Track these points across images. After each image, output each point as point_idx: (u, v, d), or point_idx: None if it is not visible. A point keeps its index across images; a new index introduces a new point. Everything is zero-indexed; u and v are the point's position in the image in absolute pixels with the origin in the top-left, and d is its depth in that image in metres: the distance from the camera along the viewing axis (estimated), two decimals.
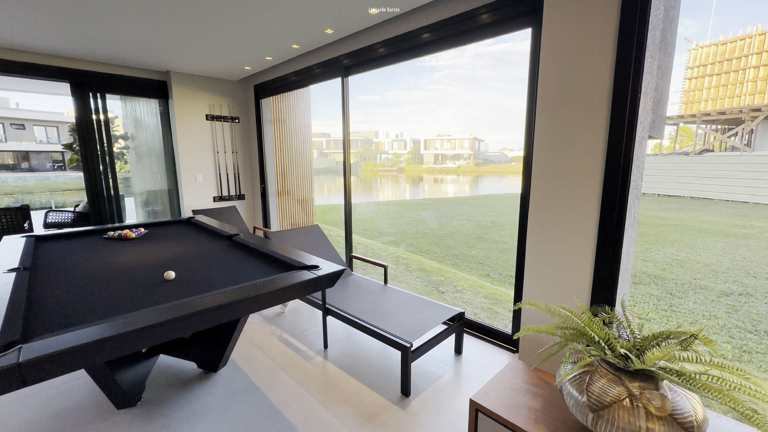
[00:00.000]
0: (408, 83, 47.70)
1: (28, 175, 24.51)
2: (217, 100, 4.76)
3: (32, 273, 1.88)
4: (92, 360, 1.16)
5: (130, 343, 1.21)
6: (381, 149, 30.64)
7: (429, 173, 26.56)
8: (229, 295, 1.48)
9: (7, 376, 1.01)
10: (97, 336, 1.15)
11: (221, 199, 4.95)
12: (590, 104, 1.62)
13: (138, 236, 2.74)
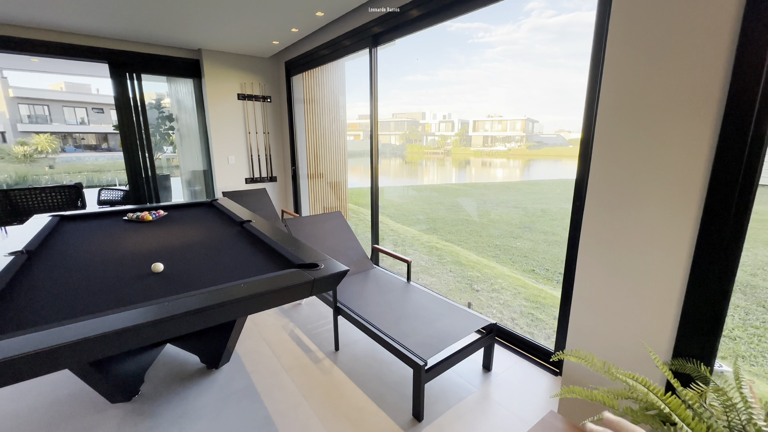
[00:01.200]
0: (458, 62, 44.93)
1: (106, 154, 27.07)
2: (249, 79, 4.62)
3: (31, 258, 1.82)
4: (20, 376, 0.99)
5: (62, 358, 1.02)
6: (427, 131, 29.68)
7: (477, 156, 25.33)
8: (199, 300, 1.25)
9: None
10: (19, 351, 0.97)
11: (253, 181, 4.89)
12: (697, 54, 1.13)
13: (155, 219, 2.67)
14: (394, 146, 23.41)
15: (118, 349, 1.13)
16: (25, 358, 0.95)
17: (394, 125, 24.18)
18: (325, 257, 1.68)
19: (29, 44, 3.56)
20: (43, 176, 13.88)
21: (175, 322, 1.17)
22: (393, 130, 23.93)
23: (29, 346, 0.98)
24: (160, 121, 7.28)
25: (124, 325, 1.09)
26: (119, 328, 1.07)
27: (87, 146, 29.14)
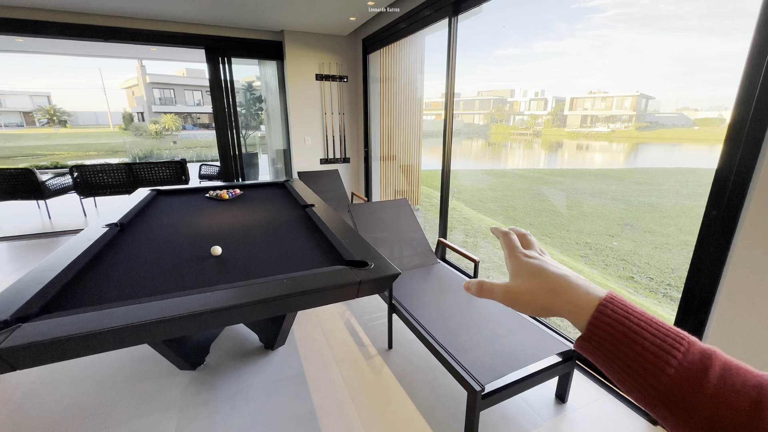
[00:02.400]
0: (558, 31, 37.74)
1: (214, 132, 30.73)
2: (327, 59, 4.60)
3: (123, 230, 2.02)
4: (77, 353, 1.05)
5: (112, 341, 1.05)
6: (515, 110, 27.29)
7: (571, 138, 22.63)
8: (238, 295, 1.20)
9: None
10: (76, 330, 1.01)
11: (327, 162, 4.96)
12: None
13: (231, 197, 2.81)
14: (478, 126, 22.19)
15: (169, 334, 1.14)
16: (114, 331, 1.00)
17: (479, 104, 22.87)
18: (376, 255, 1.52)
19: (150, 35, 4.00)
20: (167, 150, 16.33)
21: (210, 316, 1.13)
22: (477, 109, 22.66)
23: (115, 322, 1.02)
24: (251, 102, 7.81)
25: (170, 313, 1.08)
26: (167, 316, 1.07)
27: (201, 125, 33.57)
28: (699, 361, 0.28)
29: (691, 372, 0.28)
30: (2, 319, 1.06)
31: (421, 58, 4.88)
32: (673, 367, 0.28)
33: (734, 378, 0.27)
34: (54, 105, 34.34)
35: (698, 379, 0.27)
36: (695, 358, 0.28)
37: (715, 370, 0.28)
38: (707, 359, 0.28)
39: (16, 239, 4.21)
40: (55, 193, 5.15)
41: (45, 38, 3.82)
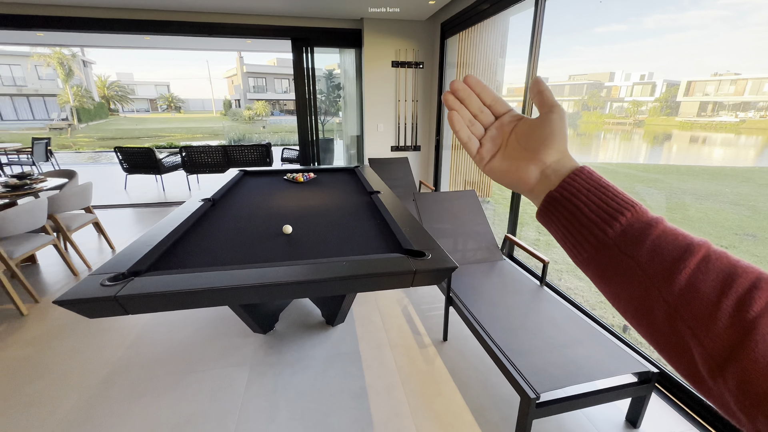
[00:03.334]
0: (678, 2, 28.90)
1: None
2: (404, 45, 4.57)
3: (214, 205, 2.31)
4: (173, 307, 1.24)
5: (199, 300, 1.22)
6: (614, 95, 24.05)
7: (684, 129, 19.51)
8: (297, 272, 1.30)
9: (108, 304, 1.17)
10: (173, 288, 1.19)
11: (397, 149, 4.99)
12: None
13: (306, 181, 3.01)
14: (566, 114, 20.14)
15: (242, 300, 1.29)
16: (202, 292, 1.18)
17: (569, 89, 20.82)
18: (435, 246, 1.51)
19: (246, 28, 4.41)
20: (257, 134, 17.99)
21: (276, 288, 1.25)
22: (567, 95, 20.66)
23: (202, 284, 1.20)
24: (331, 89, 8.16)
25: (244, 282, 1.22)
26: (241, 284, 1.21)
27: (287, 111, 36.21)
28: (644, 223, 0.30)
29: (633, 230, 0.30)
30: (120, 272, 1.30)
31: (503, 41, 4.57)
32: (620, 223, 0.31)
33: (669, 238, 0.29)
34: (172, 93, 40.00)
35: (638, 238, 0.30)
36: (641, 219, 0.31)
37: (656, 232, 0.30)
38: (652, 223, 0.30)
39: (139, 206, 5.07)
40: (168, 170, 6.06)
41: (167, 35, 4.44)
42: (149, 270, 1.40)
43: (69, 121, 24.68)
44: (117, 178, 6.74)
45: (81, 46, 21.34)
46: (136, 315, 1.71)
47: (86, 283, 1.23)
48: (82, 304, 1.15)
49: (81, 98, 25.74)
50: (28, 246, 2.61)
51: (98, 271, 1.31)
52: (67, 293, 1.16)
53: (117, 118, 30.91)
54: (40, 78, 26.53)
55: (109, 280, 1.24)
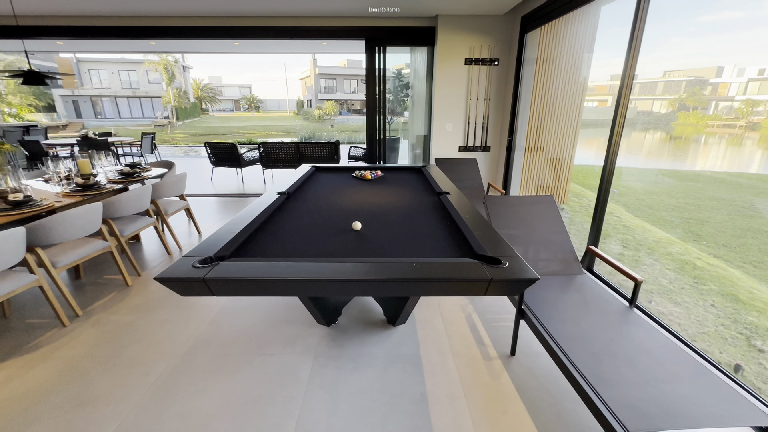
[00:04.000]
0: None
1: (364, 117, 33.64)
2: (479, 41, 4.40)
3: (288, 198, 2.43)
4: (252, 292, 1.31)
5: (274, 288, 1.28)
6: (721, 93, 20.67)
7: None
8: (367, 270, 1.29)
9: (197, 285, 1.27)
10: (253, 275, 1.26)
11: (465, 150, 4.83)
12: None
13: (373, 178, 3.04)
14: (658, 115, 18.06)
15: (311, 292, 1.32)
16: (276, 281, 1.24)
17: (662, 87, 18.53)
18: (512, 253, 1.40)
19: (323, 30, 4.61)
20: (325, 133, 18.83)
21: (343, 284, 1.25)
22: (661, 94, 18.42)
23: (277, 274, 1.26)
24: (399, 88, 8.19)
25: (315, 275, 1.25)
26: (312, 277, 1.23)
27: (354, 110, 37.38)
28: None
29: None
30: (208, 256, 1.41)
31: (592, 34, 4.15)
32: None
33: None
34: (253, 95, 43.64)
35: None
36: None
37: None
38: None
39: (222, 196, 5.59)
40: (248, 164, 6.59)
41: (253, 39, 4.81)
42: (232, 256, 1.50)
43: (169, 119, 28.26)
44: (205, 169, 7.51)
45: (182, 53, 24.18)
46: (218, 297, 1.88)
47: (180, 264, 1.35)
48: (177, 283, 1.27)
49: (179, 99, 29.31)
50: (135, 226, 3.00)
51: (190, 254, 1.43)
52: (165, 271, 1.29)
53: (207, 117, 34.60)
54: (149, 82, 30.76)
55: (200, 262, 1.35)
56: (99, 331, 2.21)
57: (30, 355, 2.00)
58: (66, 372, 1.87)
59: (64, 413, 1.62)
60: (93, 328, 2.25)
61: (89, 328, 2.24)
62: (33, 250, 2.19)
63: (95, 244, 2.56)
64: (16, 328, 2.24)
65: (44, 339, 2.13)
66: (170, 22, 4.49)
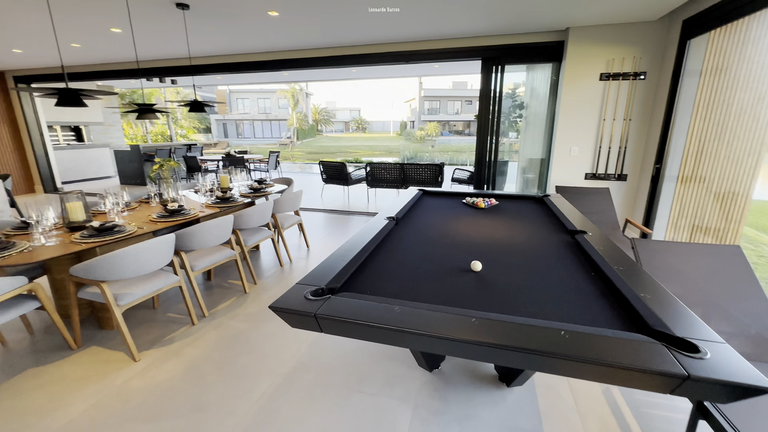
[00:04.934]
0: None
1: (467, 138, 33.06)
2: (620, 53, 3.78)
3: (397, 223, 2.31)
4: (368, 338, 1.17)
5: (385, 337, 1.11)
6: None
7: None
8: (499, 332, 1.03)
9: (309, 320, 1.19)
10: (364, 319, 1.12)
11: (594, 178, 4.15)
12: None
13: (487, 207, 2.75)
14: None
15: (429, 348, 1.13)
16: (388, 330, 1.10)
17: None
18: (714, 337, 0.99)
19: (437, 53, 4.59)
20: (426, 153, 18.99)
21: (469, 347, 1.02)
22: None
23: (390, 322, 1.13)
24: (511, 109, 7.70)
25: (433, 330, 1.05)
26: (431, 332, 1.04)
27: (456, 131, 37.17)
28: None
29: None
30: (320, 287, 1.34)
31: None
32: None
33: None
34: (361, 117, 47.10)
35: None
36: None
37: None
38: None
39: (330, 212, 5.91)
40: (354, 182, 6.90)
41: (368, 66, 5.05)
42: (344, 288, 1.41)
43: (291, 139, 32.27)
44: (315, 185, 8.14)
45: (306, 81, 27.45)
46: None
47: (293, 294, 1.30)
48: (289, 314, 1.21)
49: (300, 121, 33.35)
50: (257, 237, 3.28)
51: (303, 281, 1.38)
52: (279, 300, 1.25)
53: (321, 137, 38.52)
54: (279, 107, 35.82)
55: (312, 294, 1.28)
56: (219, 335, 2.39)
57: (165, 348, 2.25)
58: (189, 371, 2.04)
59: (181, 415, 1.72)
60: (215, 330, 2.45)
61: (212, 330, 2.45)
62: (178, 253, 2.51)
63: (225, 252, 2.85)
64: (160, 320, 2.58)
65: (177, 335, 2.40)
66: (299, 55, 5.01)
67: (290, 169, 13.36)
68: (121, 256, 2.03)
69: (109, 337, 2.37)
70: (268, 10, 3.33)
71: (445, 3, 3.19)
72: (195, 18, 3.51)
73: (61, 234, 2.32)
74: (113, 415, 1.73)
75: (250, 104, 36.47)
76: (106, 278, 2.04)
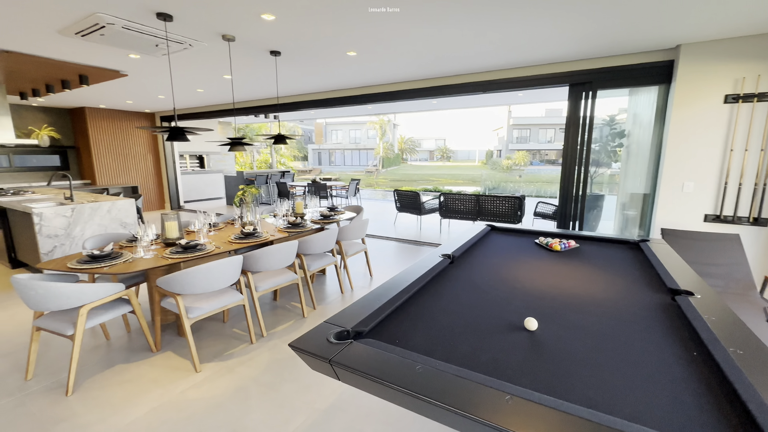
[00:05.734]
0: None
1: (559, 168, 30.66)
2: (752, 69, 3.07)
3: (453, 262, 2.14)
4: (383, 397, 1.05)
5: (411, 404, 0.97)
6: None
7: None
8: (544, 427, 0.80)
9: (324, 364, 1.11)
10: (387, 377, 1.00)
11: (718, 220, 3.35)
12: None
13: (564, 250, 2.40)
14: None
15: None
16: (418, 398, 0.97)
17: None
18: None
19: (519, 81, 4.36)
20: (511, 183, 17.99)
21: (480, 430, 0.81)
22: None
23: (424, 389, 0.99)
24: (609, 137, 6.87)
25: (467, 410, 0.88)
26: (464, 413, 0.88)
27: (548, 161, 34.71)
28: None
29: None
30: (345, 329, 1.26)
31: None
32: None
33: None
34: (446, 146, 47.33)
35: None
36: None
37: None
38: None
39: (400, 241, 5.88)
40: (428, 212, 6.81)
41: (449, 97, 5.03)
42: (371, 332, 1.31)
43: (377, 167, 33.87)
44: (390, 213, 8.25)
45: (392, 113, 28.79)
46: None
47: (317, 332, 1.25)
48: (306, 355, 1.15)
49: (386, 150, 34.90)
50: (320, 263, 3.38)
51: (332, 320, 1.32)
52: (300, 340, 1.20)
53: (405, 165, 39.60)
54: (368, 138, 38.20)
55: (335, 336, 1.20)
56: (271, 357, 2.46)
57: (223, 363, 2.39)
58: (238, 391, 2.11)
59: None
60: (269, 352, 2.53)
61: (266, 351, 2.54)
62: (245, 273, 2.71)
63: (288, 275, 2.98)
64: (225, 335, 2.78)
65: (236, 351, 2.54)
66: (378, 90, 5.25)
67: (371, 196, 13.88)
68: (193, 273, 2.25)
69: (182, 345, 2.62)
70: (347, 51, 3.57)
71: (532, 32, 3.02)
72: (284, 62, 3.95)
73: (158, 249, 2.69)
74: (166, 422, 1.86)
75: (343, 135, 39.73)
76: (180, 291, 2.28)
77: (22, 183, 7.34)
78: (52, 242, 3.82)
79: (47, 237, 3.78)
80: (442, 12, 2.64)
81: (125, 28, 2.88)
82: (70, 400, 2.03)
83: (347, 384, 1.11)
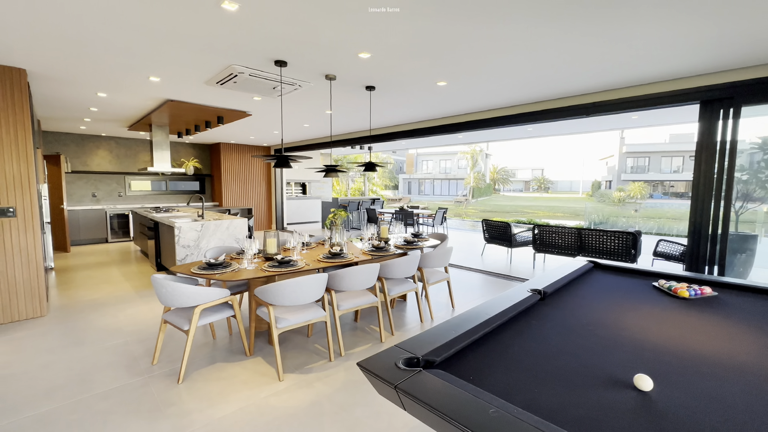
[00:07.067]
0: None
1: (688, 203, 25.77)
2: None
3: (543, 299, 1.91)
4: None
5: None
6: None
7: None
8: None
9: (390, 390, 1.07)
10: (451, 413, 0.91)
11: None
12: None
13: (694, 297, 1.95)
14: None
15: None
16: None
17: None
18: None
19: (630, 101, 3.88)
20: (624, 218, 15.67)
21: None
22: None
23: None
24: (763, 165, 5.57)
25: None
26: None
27: (674, 193, 29.52)
28: None
29: None
30: (416, 355, 1.20)
31: None
32: None
33: None
34: (544, 176, 44.08)
35: None
36: None
37: None
38: None
39: (488, 273, 5.54)
40: (520, 245, 6.32)
41: (545, 122, 4.72)
42: (443, 363, 1.23)
43: (466, 197, 33.19)
44: (478, 244, 7.88)
45: (486, 141, 28.24)
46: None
47: (387, 355, 1.21)
48: (373, 377, 1.13)
49: (477, 180, 34.05)
50: (401, 288, 3.36)
51: (403, 345, 1.28)
52: (368, 360, 1.18)
53: (497, 196, 37.95)
54: (458, 168, 37.98)
55: (404, 362, 1.16)
56: (347, 378, 2.48)
57: (303, 376, 2.49)
58: (312, 406, 2.16)
59: None
60: (345, 372, 2.56)
61: (343, 371, 2.58)
62: (329, 291, 2.84)
63: (369, 297, 3.03)
64: (308, 349, 2.92)
65: (315, 366, 2.63)
66: (468, 118, 5.20)
67: (459, 226, 13.54)
68: (284, 285, 2.45)
69: (270, 353, 2.83)
70: (437, 81, 3.66)
71: (647, 41, 2.70)
72: (378, 95, 4.23)
73: (259, 262, 3.02)
74: (249, 423, 2.00)
75: (433, 165, 40.29)
76: (272, 302, 2.49)
77: (172, 203, 9.17)
78: (185, 251, 4.61)
79: (182, 246, 4.58)
80: (536, 34, 2.53)
81: (252, 75, 3.46)
82: (180, 388, 2.34)
83: (412, 416, 1.04)
